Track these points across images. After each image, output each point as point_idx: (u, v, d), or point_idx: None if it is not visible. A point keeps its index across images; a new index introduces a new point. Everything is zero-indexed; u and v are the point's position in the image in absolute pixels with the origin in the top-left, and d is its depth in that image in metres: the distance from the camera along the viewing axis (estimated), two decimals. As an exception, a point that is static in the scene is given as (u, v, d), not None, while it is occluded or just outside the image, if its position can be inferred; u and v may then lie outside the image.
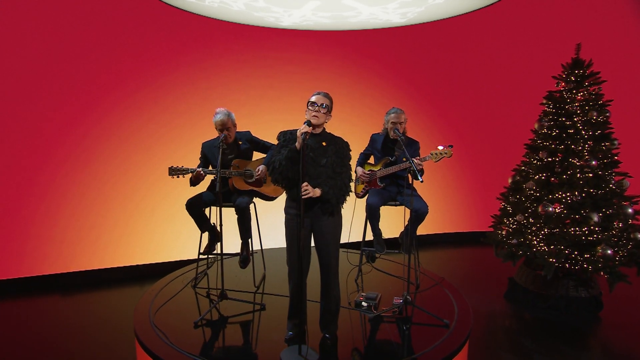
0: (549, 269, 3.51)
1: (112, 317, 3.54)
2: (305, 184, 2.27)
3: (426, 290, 3.37)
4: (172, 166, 3.16)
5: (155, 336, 2.61)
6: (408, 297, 2.91)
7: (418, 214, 3.19)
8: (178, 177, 3.17)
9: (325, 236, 2.46)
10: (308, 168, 2.36)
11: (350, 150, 2.53)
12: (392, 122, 3.32)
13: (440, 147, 3.05)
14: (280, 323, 2.77)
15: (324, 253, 2.49)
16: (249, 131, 3.50)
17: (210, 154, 3.37)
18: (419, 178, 2.69)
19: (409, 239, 3.21)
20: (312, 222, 2.46)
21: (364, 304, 3.05)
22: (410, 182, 2.94)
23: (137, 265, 4.43)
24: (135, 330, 2.68)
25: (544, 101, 3.97)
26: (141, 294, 3.29)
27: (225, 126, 3.23)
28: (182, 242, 4.50)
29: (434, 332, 2.71)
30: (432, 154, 3.08)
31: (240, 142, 3.40)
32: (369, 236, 3.49)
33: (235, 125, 3.35)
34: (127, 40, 4.21)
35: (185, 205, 3.28)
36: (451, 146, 3.04)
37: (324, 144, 2.44)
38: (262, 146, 3.51)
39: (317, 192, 2.34)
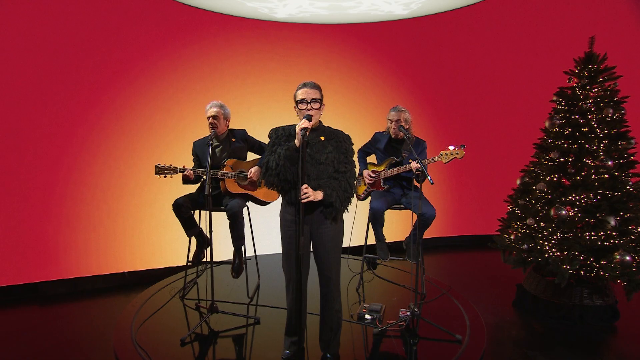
0: (563, 276, 3.28)
1: (95, 330, 3.24)
2: (305, 185, 2.02)
3: (433, 300, 3.13)
4: (159, 164, 2.91)
5: (137, 356, 2.35)
6: (416, 309, 2.66)
7: (425, 219, 2.95)
8: (165, 176, 2.92)
9: (326, 244, 2.21)
10: (307, 168, 2.11)
11: (353, 144, 2.29)
12: (389, 120, 3.10)
13: (451, 147, 2.81)
14: (277, 339, 2.52)
15: (324, 263, 2.25)
16: (244, 130, 3.27)
17: (202, 153, 3.13)
18: (429, 179, 2.45)
19: (415, 246, 2.97)
20: (311, 228, 2.22)
21: (367, 316, 2.81)
22: (419, 186, 2.69)
23: (123, 272, 4.13)
24: (114, 349, 2.42)
25: (555, 98, 3.74)
26: (127, 304, 3.02)
27: (215, 115, 3.01)
28: (172, 248, 4.22)
29: (445, 348, 2.48)
30: (441, 155, 2.85)
31: (233, 140, 3.15)
32: (370, 240, 3.25)
33: (227, 120, 3.12)
34: (114, 35, 3.93)
35: (173, 205, 3.02)
36: (463, 146, 2.80)
37: (322, 138, 2.19)
38: (257, 146, 3.28)
39: (319, 194, 2.09)
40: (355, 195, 2.63)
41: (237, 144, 3.16)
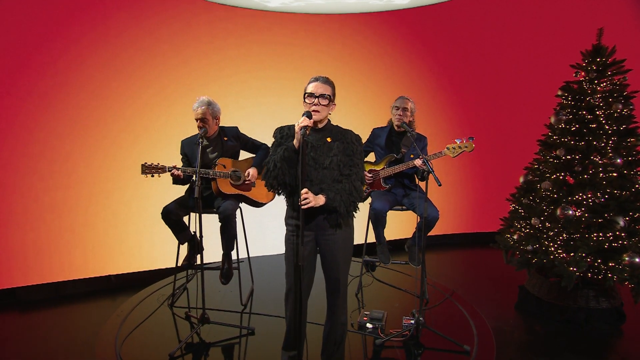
0: (569, 279, 3.16)
1: (80, 337, 3.03)
2: (305, 190, 1.85)
3: (436, 306, 2.99)
4: (146, 163, 2.71)
5: (121, 373, 2.17)
6: (421, 318, 2.51)
7: (427, 221, 2.79)
8: (153, 176, 2.71)
9: (334, 252, 2.04)
10: (309, 171, 1.93)
11: (362, 146, 2.11)
12: (395, 107, 2.92)
13: (458, 141, 2.66)
14: (273, 351, 2.35)
15: (331, 273, 2.09)
16: (236, 127, 3.07)
17: (191, 152, 2.93)
18: (438, 181, 2.29)
19: (418, 249, 2.82)
20: (317, 235, 2.04)
21: (368, 325, 2.65)
22: (425, 186, 2.52)
23: (109, 275, 3.91)
24: (97, 365, 2.23)
25: (560, 92, 3.60)
26: (113, 309, 2.82)
27: (203, 117, 2.79)
28: (161, 248, 4.00)
29: (452, 359, 2.33)
30: (448, 148, 2.69)
31: (225, 139, 2.95)
32: (369, 241, 3.08)
33: (216, 118, 2.91)
34: (90, 22, 3.66)
35: (161, 214, 2.83)
36: (472, 138, 2.65)
37: (328, 140, 2.01)
38: (250, 145, 3.08)
39: (321, 199, 1.91)
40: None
41: (229, 142, 2.96)
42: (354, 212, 2.03)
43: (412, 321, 2.60)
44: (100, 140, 3.75)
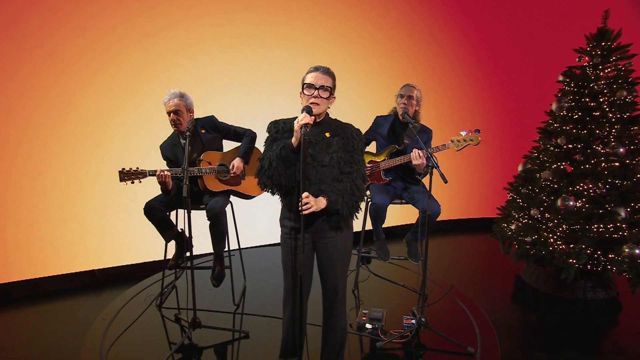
0: (569, 271, 3.11)
1: (64, 338, 2.84)
2: (305, 194, 1.69)
3: (436, 302, 2.90)
4: (124, 169, 2.45)
5: (108, 386, 2.03)
6: (423, 319, 2.41)
7: (430, 216, 2.66)
8: (133, 182, 2.47)
9: (332, 258, 1.91)
10: (307, 170, 1.77)
11: (362, 141, 1.95)
12: (400, 95, 2.75)
13: (463, 133, 2.50)
14: (269, 357, 2.23)
15: (329, 277, 1.96)
16: (212, 116, 2.81)
17: (172, 154, 2.70)
18: (444, 178, 2.15)
19: (418, 244, 2.70)
20: (314, 237, 1.90)
21: (368, 326, 2.55)
22: (429, 183, 2.38)
23: (92, 270, 3.72)
24: (81, 379, 2.08)
25: (562, 78, 3.47)
26: (98, 306, 2.65)
27: (176, 109, 2.55)
28: (148, 240, 3.78)
29: (455, 361, 2.26)
30: (453, 141, 2.54)
31: (203, 131, 2.71)
32: (367, 234, 2.96)
33: (190, 111, 2.66)
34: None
35: (144, 210, 2.62)
36: (478, 131, 2.49)
37: (327, 135, 1.84)
38: (233, 133, 2.83)
39: (322, 202, 1.76)
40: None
41: (208, 135, 2.72)
42: (356, 214, 1.88)
43: (413, 321, 2.51)
44: (77, 128, 3.50)
